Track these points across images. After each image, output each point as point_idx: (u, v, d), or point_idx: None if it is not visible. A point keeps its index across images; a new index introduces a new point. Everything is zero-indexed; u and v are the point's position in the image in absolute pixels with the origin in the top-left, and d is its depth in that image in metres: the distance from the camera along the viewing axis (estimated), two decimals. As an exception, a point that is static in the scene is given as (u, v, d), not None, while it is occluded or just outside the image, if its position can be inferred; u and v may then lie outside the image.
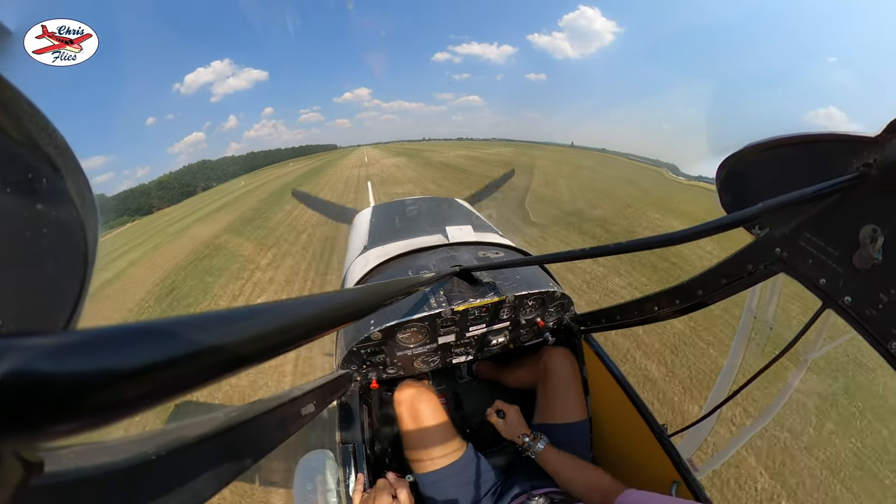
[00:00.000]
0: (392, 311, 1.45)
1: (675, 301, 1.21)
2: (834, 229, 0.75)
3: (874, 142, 0.63)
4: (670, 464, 1.29)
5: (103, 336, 0.19)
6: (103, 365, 0.18)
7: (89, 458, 0.37)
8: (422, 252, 1.90)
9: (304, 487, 1.01)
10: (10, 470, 0.20)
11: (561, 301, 1.71)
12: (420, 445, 1.38)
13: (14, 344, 0.16)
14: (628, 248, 0.77)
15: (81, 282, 0.29)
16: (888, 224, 0.64)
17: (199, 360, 0.23)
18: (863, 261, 0.67)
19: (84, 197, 0.29)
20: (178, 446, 0.48)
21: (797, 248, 0.83)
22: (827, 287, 0.76)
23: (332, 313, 0.47)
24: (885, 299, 0.64)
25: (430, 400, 1.47)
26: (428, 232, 2.11)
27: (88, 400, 0.18)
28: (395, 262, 1.86)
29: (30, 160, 0.25)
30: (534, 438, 1.37)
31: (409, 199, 3.29)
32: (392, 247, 1.99)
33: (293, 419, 0.87)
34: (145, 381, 0.20)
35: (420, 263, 1.76)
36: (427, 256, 1.84)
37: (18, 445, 0.21)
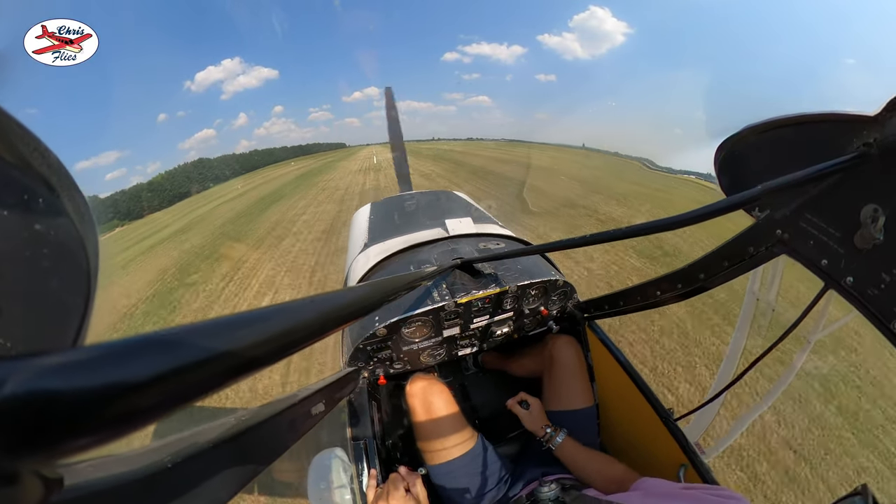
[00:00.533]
0: (396, 307, 1.46)
1: (677, 285, 1.21)
2: (835, 210, 0.75)
3: (874, 121, 0.62)
4: (678, 447, 1.30)
5: (112, 350, 0.19)
6: (114, 378, 0.18)
7: (107, 469, 0.38)
8: (422, 246, 1.90)
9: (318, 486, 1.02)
10: (30, 488, 0.21)
11: (563, 289, 1.71)
12: (432, 437, 1.40)
13: (24, 365, 0.17)
14: (629, 233, 0.77)
15: (86, 297, 0.29)
16: (889, 203, 0.63)
17: (207, 367, 0.24)
18: (864, 241, 0.67)
19: (82, 213, 0.29)
20: (192, 452, 0.48)
21: (798, 230, 0.83)
22: (829, 268, 0.76)
23: (337, 312, 0.47)
24: (887, 279, 0.65)
25: (442, 392, 1.49)
26: (427, 226, 2.12)
27: (102, 414, 0.18)
28: (396, 257, 1.87)
29: (24, 181, 0.25)
30: (554, 430, 1.40)
31: (406, 193, 3.28)
32: (392, 243, 1.99)
33: (303, 419, 0.88)
34: (156, 390, 0.20)
35: (421, 258, 1.77)
36: (428, 250, 1.84)
37: (37, 464, 0.21)
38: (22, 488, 0.20)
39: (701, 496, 0.89)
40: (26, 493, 0.20)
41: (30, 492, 0.21)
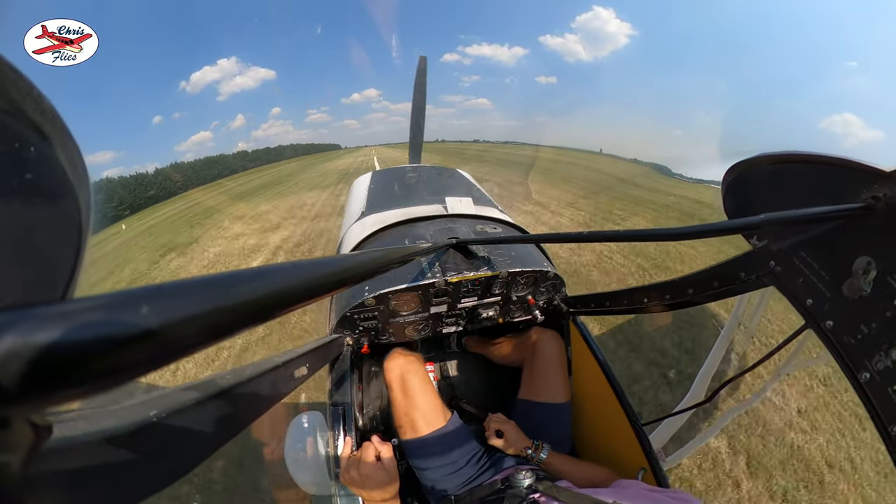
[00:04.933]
0: (387, 279, 1.47)
1: (665, 296, 1.23)
2: (830, 254, 0.76)
3: (887, 177, 0.62)
4: (640, 451, 1.35)
5: (102, 302, 0.20)
6: (103, 331, 0.19)
7: (94, 420, 0.39)
8: (420, 221, 1.89)
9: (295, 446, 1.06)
10: (21, 434, 0.21)
11: (553, 281, 1.73)
12: (405, 413, 1.44)
13: (14, 316, 0.17)
14: (626, 237, 0.78)
15: (77, 249, 0.29)
16: (884, 260, 0.65)
17: (195, 324, 0.24)
18: (852, 290, 0.69)
19: (75, 164, 0.28)
20: (177, 408, 0.50)
21: (791, 266, 0.84)
22: (812, 308, 0.78)
23: (327, 278, 0.47)
24: (865, 331, 0.66)
25: (419, 370, 1.52)
26: (427, 201, 2.10)
27: (91, 366, 0.19)
28: (392, 230, 1.86)
29: (15, 128, 0.24)
30: (535, 449, 1.39)
31: (409, 166, 3.22)
32: (390, 214, 1.98)
33: (286, 381, 0.90)
34: (145, 345, 0.21)
35: (417, 232, 1.77)
36: (425, 226, 1.83)
37: (28, 411, 0.22)
38: (13, 433, 0.21)
39: (663, 499, 0.96)
40: (17, 438, 0.21)
41: (20, 436, 0.21)
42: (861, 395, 0.68)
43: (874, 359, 0.66)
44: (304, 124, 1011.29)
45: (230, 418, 0.63)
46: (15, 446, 0.21)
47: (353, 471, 1.13)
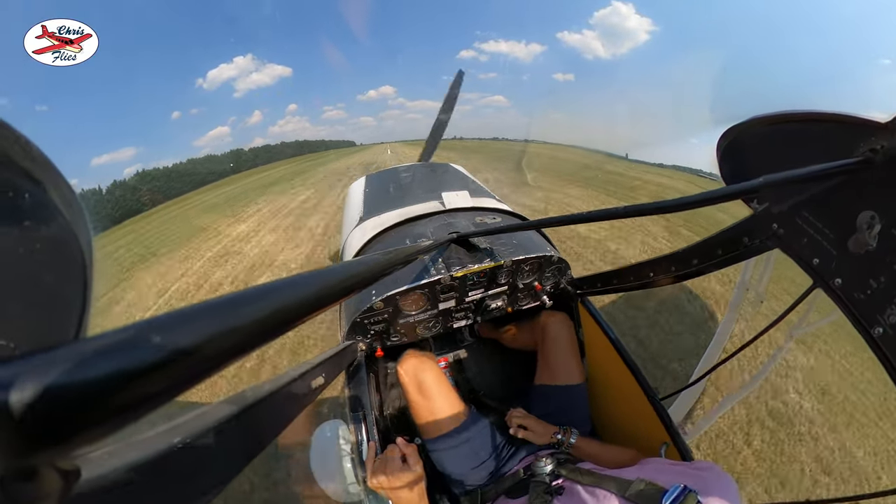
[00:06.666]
0: (392, 280, 1.47)
1: (670, 268, 1.23)
2: (832, 211, 0.75)
3: (884, 128, 0.62)
4: (661, 426, 1.36)
5: (115, 339, 0.20)
6: (119, 366, 0.19)
7: (121, 456, 0.39)
8: (418, 220, 1.89)
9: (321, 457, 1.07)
10: (49, 482, 0.21)
11: (558, 265, 1.73)
12: (424, 413, 1.45)
13: (30, 364, 0.17)
14: (625, 213, 0.76)
15: (84, 288, 0.29)
16: (887, 212, 0.64)
17: (209, 348, 0.24)
18: (858, 245, 0.68)
19: (71, 205, 0.29)
20: (200, 431, 0.50)
21: (794, 227, 0.83)
22: (819, 267, 0.78)
23: (334, 287, 0.47)
24: (875, 285, 0.66)
25: (432, 369, 1.52)
26: (423, 199, 2.09)
27: (110, 402, 0.19)
28: (392, 231, 1.86)
29: (7, 177, 0.24)
30: (564, 433, 1.38)
31: (402, 166, 3.21)
32: (388, 216, 1.98)
33: (304, 393, 0.90)
34: (162, 375, 0.21)
35: (417, 231, 1.77)
36: (424, 224, 1.84)
37: (53, 458, 0.22)
38: (42, 483, 0.21)
39: (685, 471, 0.97)
40: (46, 487, 0.21)
41: (49, 485, 0.21)
42: (875, 349, 0.68)
43: (886, 312, 0.65)
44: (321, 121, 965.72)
45: (254, 435, 0.64)
46: (45, 497, 0.21)
47: (381, 475, 1.14)
